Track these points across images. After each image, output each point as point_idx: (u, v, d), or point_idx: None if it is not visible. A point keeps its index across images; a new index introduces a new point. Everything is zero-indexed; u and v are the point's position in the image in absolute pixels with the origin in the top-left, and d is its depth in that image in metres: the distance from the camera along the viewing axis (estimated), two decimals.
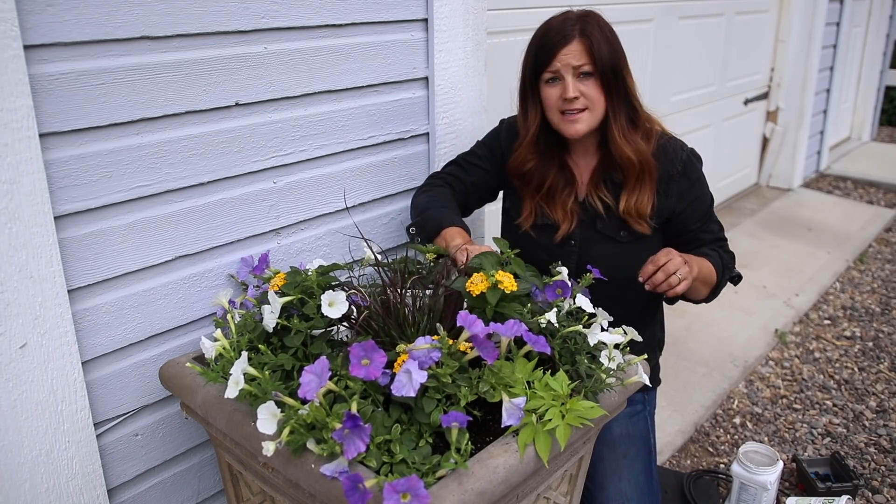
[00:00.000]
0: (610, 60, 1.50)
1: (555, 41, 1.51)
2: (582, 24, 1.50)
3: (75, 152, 1.20)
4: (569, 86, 1.49)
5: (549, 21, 1.56)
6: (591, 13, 1.55)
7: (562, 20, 1.53)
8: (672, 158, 1.59)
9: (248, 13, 1.37)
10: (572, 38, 1.49)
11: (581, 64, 1.49)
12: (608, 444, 1.69)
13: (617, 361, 1.25)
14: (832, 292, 3.45)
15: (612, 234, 1.60)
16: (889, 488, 2.11)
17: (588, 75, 1.50)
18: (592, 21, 1.52)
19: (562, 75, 1.50)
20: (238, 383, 1.10)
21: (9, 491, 1.20)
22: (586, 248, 1.62)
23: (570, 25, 1.50)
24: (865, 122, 6.13)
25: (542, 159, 1.61)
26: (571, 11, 1.55)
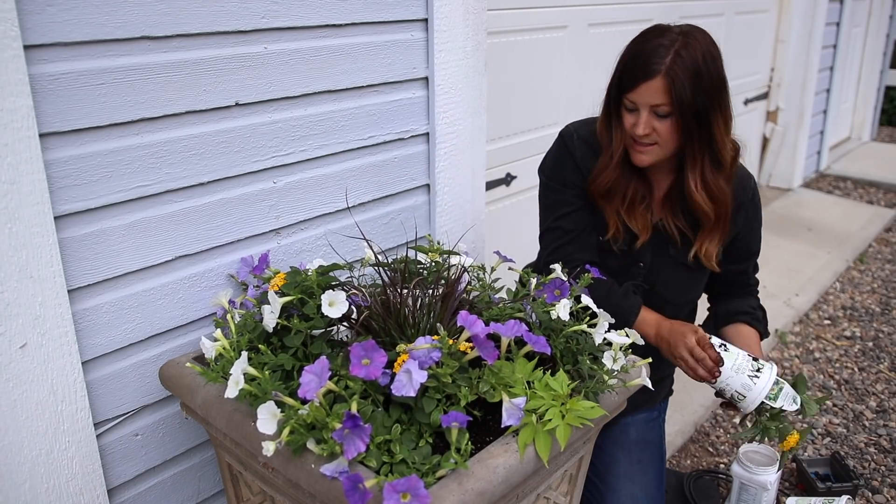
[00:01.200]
0: (692, 104, 1.38)
1: (638, 73, 1.40)
2: (674, 57, 1.37)
3: (75, 152, 1.20)
4: (640, 123, 1.43)
5: (645, 40, 1.44)
6: (693, 37, 1.41)
7: (655, 46, 1.40)
8: (745, 186, 1.59)
9: (248, 13, 1.37)
10: (655, 75, 1.38)
11: (659, 104, 1.40)
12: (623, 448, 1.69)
13: (621, 363, 1.25)
14: (832, 292, 3.45)
15: (683, 259, 1.59)
16: (889, 488, 2.11)
17: (666, 115, 1.42)
18: (689, 52, 1.38)
19: (637, 107, 1.44)
20: (238, 383, 1.10)
21: (9, 491, 1.20)
22: (656, 270, 1.61)
23: (659, 56, 1.38)
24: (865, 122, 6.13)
25: (624, 171, 1.54)
26: (673, 31, 1.42)
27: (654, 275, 1.61)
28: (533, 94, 2.58)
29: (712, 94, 1.40)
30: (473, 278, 1.45)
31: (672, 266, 1.60)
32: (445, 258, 1.47)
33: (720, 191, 1.49)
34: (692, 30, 1.43)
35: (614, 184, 1.54)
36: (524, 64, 2.50)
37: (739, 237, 1.61)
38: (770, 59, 4.41)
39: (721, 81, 1.42)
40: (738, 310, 1.63)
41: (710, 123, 1.42)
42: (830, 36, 4.71)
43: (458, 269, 1.36)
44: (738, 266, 1.66)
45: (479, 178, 1.93)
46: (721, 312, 1.66)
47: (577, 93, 2.76)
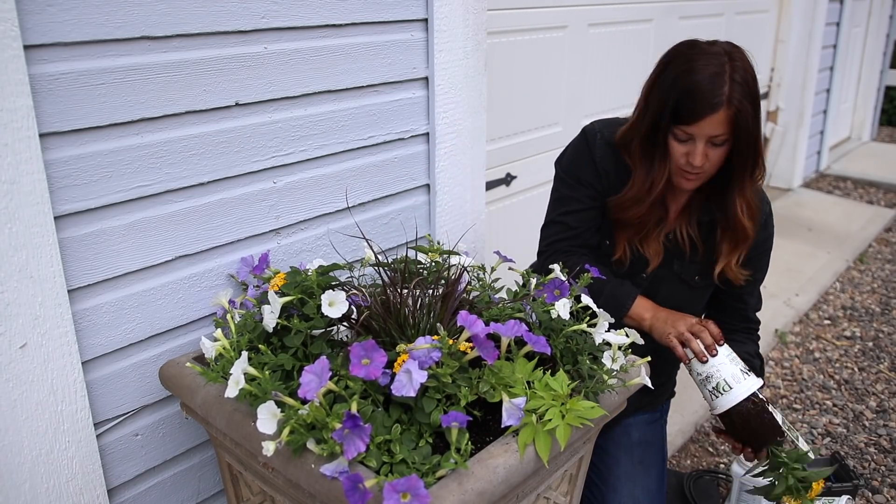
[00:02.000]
0: (749, 132, 1.36)
1: (700, 108, 1.34)
2: (731, 85, 1.33)
3: (75, 152, 1.20)
4: (697, 154, 1.37)
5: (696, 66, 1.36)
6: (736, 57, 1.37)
7: (712, 73, 1.34)
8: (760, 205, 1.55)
9: (248, 13, 1.37)
10: (719, 108, 1.33)
11: (719, 134, 1.36)
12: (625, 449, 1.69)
13: (620, 362, 1.25)
14: (832, 292, 3.45)
15: (687, 277, 1.57)
16: (889, 488, 2.11)
17: (721, 144, 1.38)
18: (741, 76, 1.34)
19: (695, 139, 1.38)
20: (238, 383, 1.10)
21: (9, 491, 1.20)
22: (655, 286, 1.59)
23: (719, 86, 1.33)
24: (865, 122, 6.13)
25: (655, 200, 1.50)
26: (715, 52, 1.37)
27: (654, 288, 1.58)
28: (533, 94, 2.58)
29: (760, 116, 1.39)
30: (473, 278, 1.45)
31: (674, 282, 1.58)
32: (445, 258, 1.47)
33: (757, 208, 1.48)
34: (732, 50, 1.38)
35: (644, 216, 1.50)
36: (524, 64, 2.50)
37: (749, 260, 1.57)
38: (770, 59, 4.41)
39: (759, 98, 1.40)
40: None
41: (758, 146, 1.40)
42: (830, 36, 4.71)
43: (458, 269, 1.36)
44: (737, 290, 1.61)
45: (479, 178, 1.93)
46: None
47: (578, 92, 2.76)
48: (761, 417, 1.42)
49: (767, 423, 1.43)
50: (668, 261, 1.57)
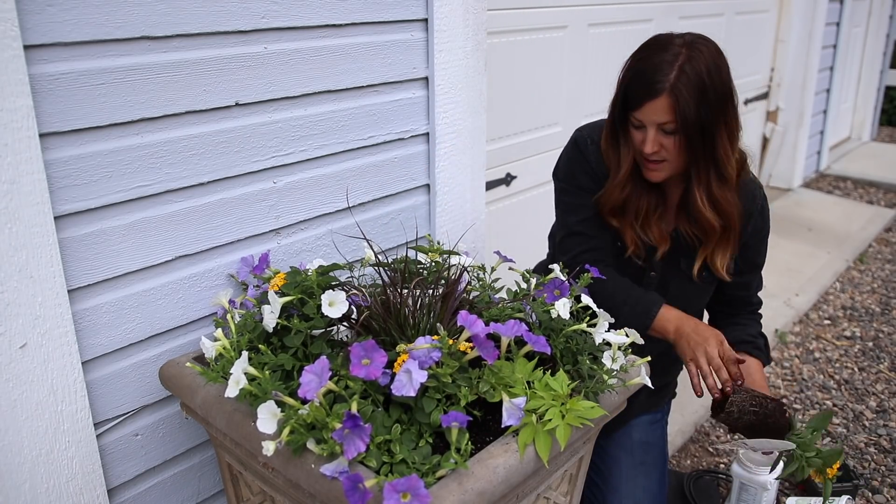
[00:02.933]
0: (696, 120, 1.36)
1: (642, 92, 1.38)
2: (678, 73, 1.35)
3: (75, 152, 1.20)
4: (648, 141, 1.41)
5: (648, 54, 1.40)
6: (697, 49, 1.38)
7: (657, 62, 1.37)
8: (754, 196, 1.57)
9: (248, 13, 1.37)
10: (660, 93, 1.36)
11: (665, 121, 1.38)
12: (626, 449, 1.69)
13: (620, 362, 1.25)
14: (832, 292, 3.45)
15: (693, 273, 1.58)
16: (889, 488, 2.11)
17: (672, 132, 1.40)
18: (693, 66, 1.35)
19: (646, 126, 1.42)
20: (239, 382, 1.10)
21: (9, 491, 1.20)
22: (665, 283, 1.60)
23: (663, 73, 1.35)
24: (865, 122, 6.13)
25: (636, 185, 1.52)
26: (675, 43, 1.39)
27: (663, 287, 1.60)
28: (533, 94, 2.58)
29: (717, 108, 1.38)
30: (473, 278, 1.45)
31: (682, 279, 1.59)
32: (445, 258, 1.47)
33: (728, 203, 1.47)
34: (696, 40, 1.39)
35: (626, 200, 1.52)
36: (524, 64, 2.50)
37: (746, 247, 1.60)
38: (770, 59, 4.41)
39: (727, 93, 1.40)
40: (739, 339, 1.60)
41: (713, 138, 1.40)
42: (830, 36, 4.71)
43: (458, 270, 1.36)
44: (740, 278, 1.63)
45: (479, 178, 1.93)
46: None
47: (577, 93, 2.76)
48: (766, 424, 1.42)
49: (773, 429, 1.43)
50: (675, 259, 1.58)
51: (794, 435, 1.48)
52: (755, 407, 1.41)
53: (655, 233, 1.55)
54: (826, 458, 1.46)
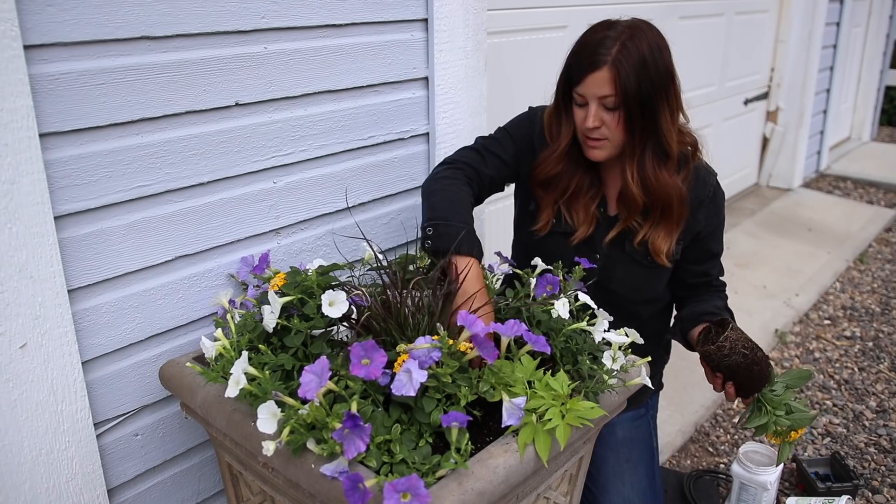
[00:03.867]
0: (637, 94, 1.38)
1: (584, 64, 1.40)
2: (620, 48, 1.37)
3: (75, 152, 1.20)
4: (590, 115, 1.42)
5: (592, 32, 1.44)
6: (639, 29, 1.41)
7: (601, 38, 1.40)
8: (705, 182, 1.56)
9: (248, 13, 1.37)
10: (602, 65, 1.38)
11: (606, 95, 1.39)
12: (611, 448, 1.69)
13: (620, 362, 1.25)
14: (832, 292, 3.45)
15: (639, 258, 1.57)
16: (889, 488, 2.11)
17: (614, 108, 1.41)
18: (635, 43, 1.38)
19: (587, 101, 1.43)
20: (239, 382, 1.10)
21: (9, 491, 1.20)
22: (610, 266, 1.58)
23: (606, 47, 1.38)
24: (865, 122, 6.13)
25: (569, 164, 1.54)
26: (619, 24, 1.42)
27: (609, 270, 1.58)
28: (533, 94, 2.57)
29: (658, 83, 1.40)
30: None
31: (627, 262, 1.58)
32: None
33: (663, 183, 1.47)
34: (639, 23, 1.44)
35: (556, 175, 1.54)
36: (524, 64, 2.50)
37: (700, 237, 1.59)
38: (770, 59, 4.41)
39: (668, 72, 1.43)
40: (703, 311, 1.58)
41: (654, 112, 1.42)
42: (830, 36, 4.71)
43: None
44: (699, 267, 1.63)
45: None
46: (686, 316, 1.61)
47: None
48: (750, 370, 1.41)
49: (754, 377, 1.42)
50: (620, 242, 1.57)
51: (769, 390, 1.47)
52: (746, 349, 1.40)
53: (580, 215, 1.56)
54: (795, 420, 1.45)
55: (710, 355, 1.43)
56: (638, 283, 1.59)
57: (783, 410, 1.46)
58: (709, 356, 1.43)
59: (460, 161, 1.57)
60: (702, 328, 1.52)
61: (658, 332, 1.71)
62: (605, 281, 1.57)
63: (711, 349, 1.42)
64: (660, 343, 1.74)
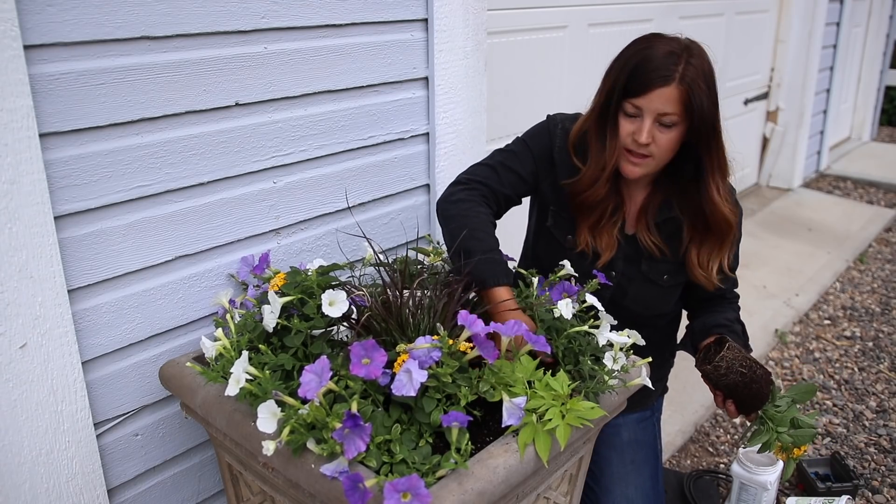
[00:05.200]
0: (706, 116, 1.35)
1: (653, 76, 1.33)
2: (685, 66, 1.33)
3: (75, 152, 1.20)
4: (644, 130, 1.35)
5: (653, 45, 1.37)
6: (697, 49, 1.38)
7: (667, 52, 1.34)
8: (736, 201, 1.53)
9: (248, 13, 1.37)
10: (672, 81, 1.32)
11: (669, 112, 1.34)
12: (616, 449, 1.68)
13: (621, 363, 1.25)
14: (832, 292, 3.45)
15: (655, 277, 1.55)
16: (889, 488, 2.11)
17: (670, 126, 1.36)
18: (697, 63, 1.34)
19: (641, 114, 1.37)
20: (239, 381, 1.10)
21: (9, 491, 1.20)
22: (624, 285, 1.56)
23: (673, 62, 1.33)
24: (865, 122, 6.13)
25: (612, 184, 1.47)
26: (675, 40, 1.38)
27: (623, 288, 1.56)
28: (533, 94, 2.58)
29: (716, 105, 1.38)
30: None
31: (642, 281, 1.56)
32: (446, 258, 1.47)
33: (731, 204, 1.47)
34: (694, 43, 1.40)
35: (602, 199, 1.47)
36: (524, 64, 2.50)
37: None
38: (770, 59, 4.41)
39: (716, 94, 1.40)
40: (714, 323, 1.56)
41: (719, 133, 1.39)
42: (830, 36, 4.71)
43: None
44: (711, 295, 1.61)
45: None
46: (697, 327, 1.59)
47: (577, 93, 2.76)
48: (749, 388, 1.39)
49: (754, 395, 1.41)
50: (635, 261, 1.54)
51: (773, 406, 1.45)
52: (744, 368, 1.38)
53: (605, 240, 1.52)
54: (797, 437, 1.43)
55: (707, 374, 1.42)
56: (652, 301, 1.58)
57: (786, 426, 1.44)
58: (707, 375, 1.43)
59: (475, 180, 1.51)
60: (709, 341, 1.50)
61: (665, 339, 1.71)
62: (619, 298, 1.56)
63: (708, 369, 1.40)
64: (666, 348, 1.74)
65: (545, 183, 1.55)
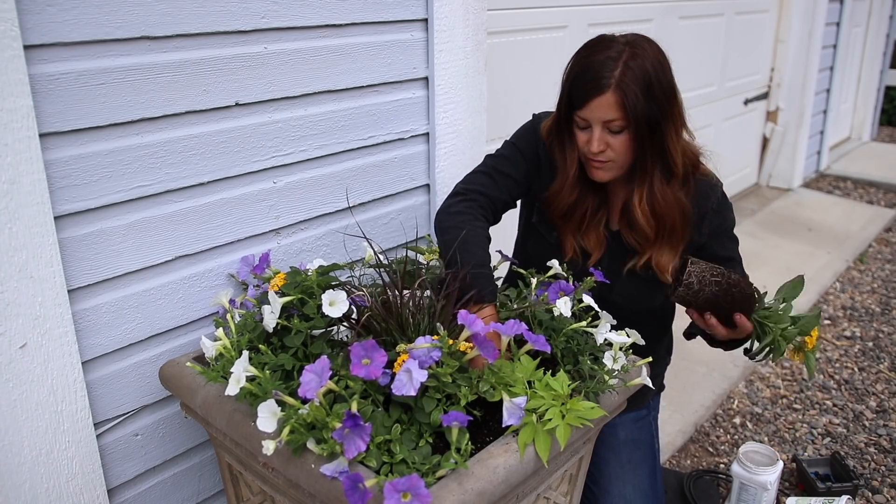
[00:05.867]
0: (644, 117, 1.34)
1: (588, 88, 1.35)
2: (623, 69, 1.33)
3: (75, 152, 1.20)
4: (594, 140, 1.38)
5: (591, 53, 1.38)
6: (640, 46, 1.37)
7: (602, 59, 1.35)
8: (707, 196, 1.52)
9: (248, 13, 1.37)
10: (606, 89, 1.33)
11: (612, 119, 1.35)
12: (613, 449, 1.68)
13: (621, 363, 1.25)
14: (832, 292, 3.45)
15: (640, 272, 1.55)
16: (889, 488, 2.11)
17: (619, 131, 1.38)
18: (638, 63, 1.34)
19: (590, 124, 1.39)
20: (240, 381, 1.10)
21: (9, 491, 1.20)
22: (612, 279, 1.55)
23: (608, 69, 1.34)
24: (865, 122, 6.13)
25: (581, 189, 1.49)
26: (619, 42, 1.38)
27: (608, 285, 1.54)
28: (533, 94, 2.58)
29: (664, 103, 1.37)
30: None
31: (628, 276, 1.55)
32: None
33: (667, 202, 1.44)
34: (638, 39, 1.39)
35: (573, 204, 1.50)
36: (524, 64, 2.50)
37: (706, 247, 1.56)
38: (770, 59, 4.41)
39: (671, 90, 1.39)
40: None
41: (662, 134, 1.39)
42: (830, 36, 4.71)
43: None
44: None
45: None
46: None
47: None
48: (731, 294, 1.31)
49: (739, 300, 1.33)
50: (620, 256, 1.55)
51: (764, 309, 1.38)
52: (717, 277, 1.29)
53: (592, 239, 1.53)
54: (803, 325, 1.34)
55: (683, 298, 1.32)
56: (638, 296, 1.57)
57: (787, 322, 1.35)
58: (682, 299, 1.32)
59: (472, 191, 1.53)
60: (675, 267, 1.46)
61: (658, 335, 1.71)
62: (606, 293, 1.55)
63: (681, 291, 1.30)
64: (660, 343, 1.74)
65: (535, 181, 1.57)
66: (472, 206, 1.50)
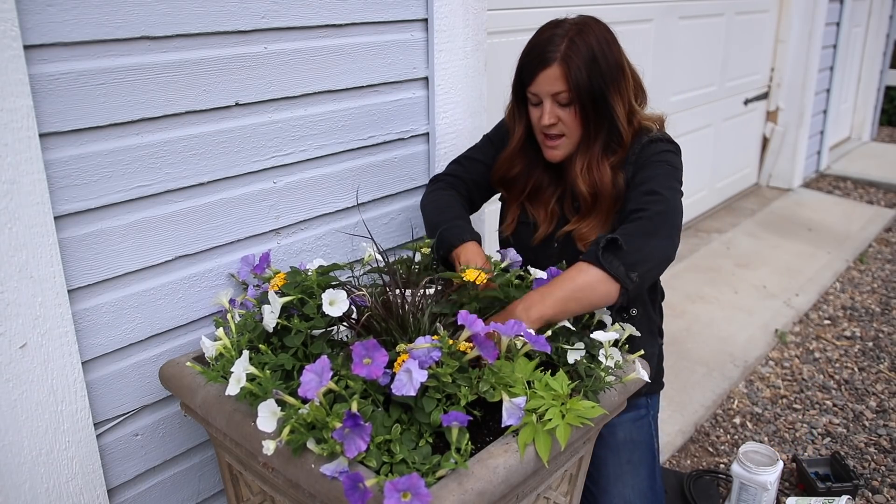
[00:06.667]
0: (589, 88, 1.41)
1: (536, 63, 1.44)
2: (568, 44, 1.41)
3: (75, 152, 1.20)
4: (545, 113, 1.45)
5: (540, 32, 1.48)
6: (586, 25, 1.45)
7: (549, 36, 1.44)
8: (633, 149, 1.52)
9: (248, 13, 1.37)
10: (552, 62, 1.41)
11: (559, 91, 1.43)
12: (612, 449, 1.68)
13: (615, 359, 1.25)
14: (832, 292, 3.45)
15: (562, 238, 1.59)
16: (889, 488, 2.11)
17: (567, 104, 1.44)
18: (583, 39, 1.42)
19: (541, 100, 1.46)
20: (240, 381, 1.10)
21: (9, 491, 1.20)
22: (567, 247, 1.57)
23: (554, 45, 1.42)
24: (865, 122, 6.13)
25: (528, 162, 1.58)
26: (567, 22, 1.46)
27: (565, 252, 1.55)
28: None
29: (608, 77, 1.43)
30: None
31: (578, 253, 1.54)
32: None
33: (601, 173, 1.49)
34: (586, 19, 1.47)
35: (515, 175, 1.59)
36: None
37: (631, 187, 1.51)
38: (770, 59, 4.41)
39: (618, 65, 1.45)
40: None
41: (607, 105, 1.44)
42: (830, 36, 4.71)
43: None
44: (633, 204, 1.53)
45: None
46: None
47: None
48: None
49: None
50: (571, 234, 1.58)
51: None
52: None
53: (541, 213, 1.60)
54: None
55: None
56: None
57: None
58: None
59: (443, 175, 1.70)
60: None
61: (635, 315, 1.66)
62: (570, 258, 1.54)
63: None
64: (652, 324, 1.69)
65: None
66: (440, 185, 1.66)
